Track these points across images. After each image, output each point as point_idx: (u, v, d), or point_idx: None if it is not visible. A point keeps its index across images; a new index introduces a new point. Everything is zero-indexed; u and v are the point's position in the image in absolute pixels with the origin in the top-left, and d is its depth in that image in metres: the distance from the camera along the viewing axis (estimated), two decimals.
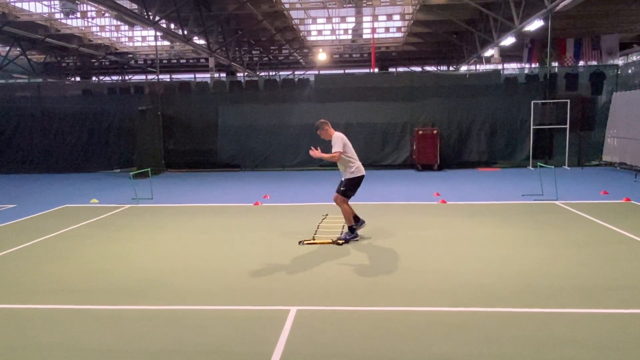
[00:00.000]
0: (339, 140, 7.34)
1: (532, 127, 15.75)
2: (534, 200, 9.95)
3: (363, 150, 16.44)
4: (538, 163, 12.52)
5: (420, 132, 15.43)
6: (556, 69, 17.96)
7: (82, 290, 5.28)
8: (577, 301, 4.62)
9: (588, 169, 15.12)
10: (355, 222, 7.14)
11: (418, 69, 34.34)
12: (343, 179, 7.32)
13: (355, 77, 18.08)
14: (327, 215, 8.87)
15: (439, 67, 34.97)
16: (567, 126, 15.55)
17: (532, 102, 15.65)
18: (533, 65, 24.51)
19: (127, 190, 12.02)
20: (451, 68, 32.99)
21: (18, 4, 20.30)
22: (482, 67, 26.86)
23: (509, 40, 19.16)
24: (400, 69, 33.47)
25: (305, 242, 6.99)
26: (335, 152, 7.20)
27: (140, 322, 4.40)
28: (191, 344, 3.91)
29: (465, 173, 14.88)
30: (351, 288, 5.13)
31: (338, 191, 7.24)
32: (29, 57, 26.12)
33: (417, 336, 3.95)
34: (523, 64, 25.79)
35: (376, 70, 27.35)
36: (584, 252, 6.25)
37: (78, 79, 32.63)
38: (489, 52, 22.86)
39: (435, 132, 15.43)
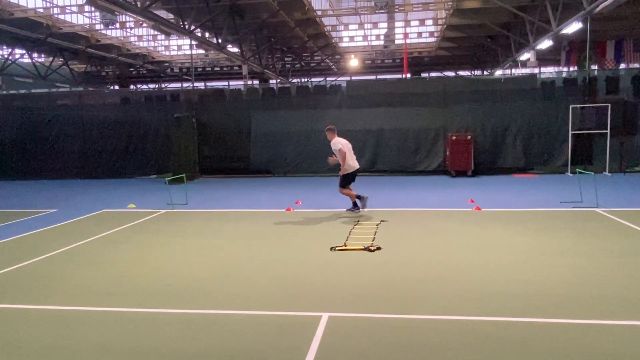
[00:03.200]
0: (338, 143, 9.66)
1: (570, 132, 15.30)
2: (573, 207, 9.65)
3: (395, 156, 16.41)
4: (577, 169, 12.15)
5: (454, 137, 15.22)
6: (596, 72, 17.42)
7: (120, 293, 5.42)
8: (618, 313, 4.45)
9: (630, 175, 14.56)
10: (358, 199, 9.57)
11: (451, 73, 33.91)
12: (340, 174, 9.78)
13: (387, 83, 17.97)
14: (358, 221, 8.84)
15: (472, 72, 34.43)
16: (608, 131, 15.04)
17: (571, 106, 15.21)
18: (571, 69, 23.84)
19: (162, 195, 12.30)
20: (485, 72, 32.44)
21: (61, 16, 21.11)
22: (518, 71, 26.32)
23: (545, 44, 18.69)
24: (433, 74, 33.11)
25: (337, 248, 6.99)
26: (341, 154, 9.63)
27: (174, 325, 4.49)
28: (224, 349, 3.96)
29: (500, 179, 14.57)
30: (383, 295, 5.09)
31: (339, 186, 9.88)
32: (70, 66, 27.11)
33: (451, 346, 3.89)
34: (561, 68, 25.12)
35: (408, 75, 27.14)
36: (626, 261, 6.02)
37: (117, 87, 33.65)
38: (525, 56, 22.35)
39: (469, 137, 15.19)
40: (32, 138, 18.38)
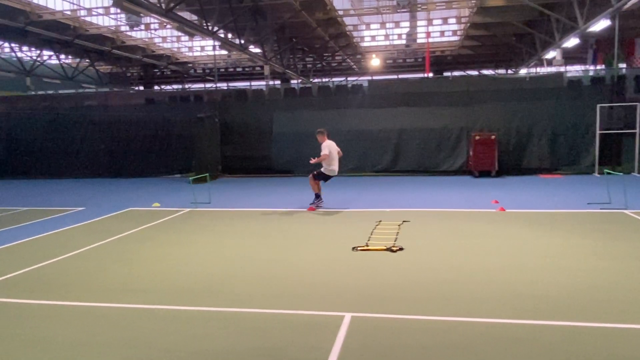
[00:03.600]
0: (326, 147, 10.28)
1: (597, 131, 14.98)
2: (601, 209, 9.44)
3: (417, 156, 16.30)
4: (605, 170, 11.88)
5: (477, 137, 15.04)
6: (624, 71, 17.01)
7: (146, 290, 5.51)
8: None
9: None
10: (317, 197, 10.51)
11: (474, 72, 33.51)
12: (319, 170, 10.48)
13: (409, 82, 17.89)
14: (380, 221, 8.81)
15: (496, 71, 33.97)
16: (637, 131, 14.68)
17: (598, 105, 14.89)
18: (598, 67, 23.32)
19: (186, 194, 12.46)
20: (510, 71, 31.98)
21: (88, 18, 21.56)
22: (543, 70, 25.86)
23: (572, 42, 18.33)
24: (456, 73, 32.75)
25: (358, 248, 6.98)
26: (322, 155, 10.25)
27: (199, 322, 4.55)
28: (248, 347, 4.00)
29: (525, 180, 14.35)
30: (407, 296, 5.07)
31: (312, 174, 10.52)
32: (96, 67, 27.68)
33: (477, 349, 3.85)
34: (587, 66, 24.60)
35: (431, 74, 26.92)
36: None
37: (141, 88, 34.21)
38: (551, 54, 21.96)
39: (493, 137, 14.99)
40: (59, 138, 18.82)
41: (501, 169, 15.26)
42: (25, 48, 24.80)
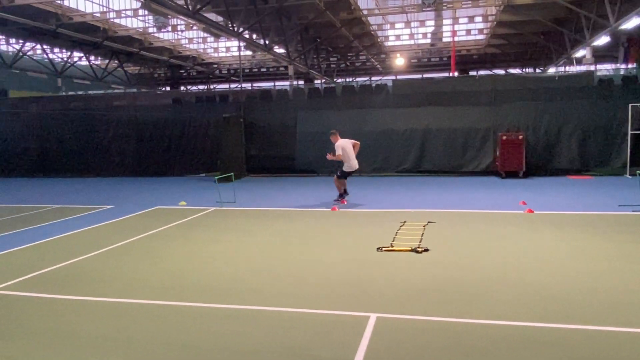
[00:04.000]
0: (339, 147, 10.71)
1: (629, 132, 14.57)
2: (633, 211, 9.18)
3: (442, 156, 16.13)
4: (637, 171, 11.54)
5: (504, 137, 14.80)
6: None
7: (173, 287, 5.60)
8: None
9: None
10: (344, 192, 11.15)
11: (501, 71, 32.98)
12: (340, 170, 11.04)
13: (434, 82, 17.67)
14: (405, 222, 8.76)
15: (524, 70, 33.37)
16: None
17: (630, 105, 14.48)
18: (630, 66, 22.67)
19: (212, 193, 12.61)
20: (537, 70, 31.37)
21: (116, 20, 22.00)
22: (573, 69, 25.28)
23: (602, 40, 17.86)
24: (482, 72, 32.31)
25: (383, 249, 6.95)
26: (337, 154, 10.71)
27: (225, 320, 4.60)
28: (273, 345, 4.03)
29: (553, 181, 14.05)
30: (432, 297, 5.02)
31: (336, 175, 11.17)
32: (125, 68, 28.22)
33: (501, 352, 3.79)
34: (619, 65, 23.94)
35: (456, 74, 26.60)
36: None
37: (168, 88, 34.75)
38: (580, 53, 21.45)
39: (520, 137, 14.73)
40: (89, 137, 19.26)
41: (529, 170, 14.98)
42: (56, 50, 25.44)
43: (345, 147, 10.73)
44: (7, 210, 11.27)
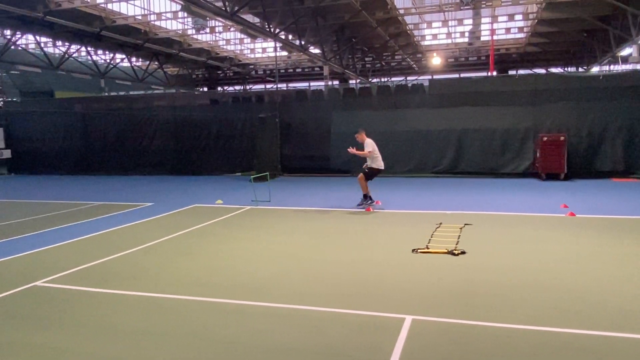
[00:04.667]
0: (369, 144, 10.65)
1: None
2: None
3: (480, 157, 15.82)
4: None
5: (545, 138, 14.39)
6: None
7: (209, 284, 5.71)
8: None
9: None
10: (367, 197, 10.64)
11: (542, 71, 32.08)
12: (368, 166, 10.75)
13: (472, 81, 17.34)
14: (441, 224, 8.64)
15: (565, 69, 32.35)
16: None
17: None
18: None
19: (247, 192, 12.77)
20: (580, 69, 30.35)
21: (157, 22, 22.56)
22: (618, 68, 24.36)
23: None
24: (522, 72, 31.50)
25: (419, 250, 6.88)
26: (366, 151, 10.64)
27: (260, 318, 4.65)
28: (308, 344, 4.04)
29: (597, 183, 13.57)
30: (469, 301, 4.94)
31: (362, 172, 10.75)
32: (164, 69, 28.91)
33: (541, 358, 3.69)
34: None
35: (495, 73, 26.03)
36: None
37: (206, 89, 35.40)
38: (626, 51, 20.66)
39: (562, 138, 14.29)
40: (130, 136, 19.84)
41: (571, 172, 14.52)
42: (100, 52, 26.31)
43: (374, 146, 10.71)
44: (53, 207, 11.73)
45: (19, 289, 5.62)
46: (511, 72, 31.22)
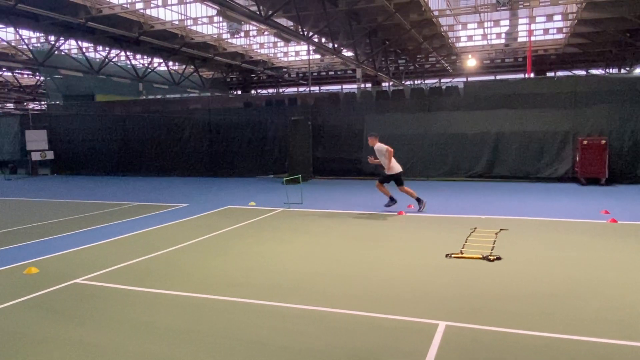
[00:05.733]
0: (383, 148, 10.34)
1: None
2: None
3: (516, 160, 15.46)
4: None
5: (585, 142, 13.95)
6: None
7: (242, 284, 5.77)
8: None
9: None
10: (393, 198, 10.57)
11: (581, 72, 31.14)
12: (385, 173, 10.52)
13: (509, 83, 16.96)
14: (475, 228, 8.48)
15: (607, 70, 31.29)
16: None
17: None
18: None
19: (280, 194, 12.86)
20: (623, 70, 29.29)
21: (193, 27, 23.06)
22: None
23: None
24: (561, 73, 30.66)
25: (452, 255, 6.77)
26: (385, 160, 10.33)
27: (293, 319, 4.67)
28: (340, 347, 4.03)
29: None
30: (505, 308, 4.82)
31: (378, 180, 10.65)
32: (200, 73, 29.50)
33: None
34: None
35: (532, 75, 25.42)
36: None
37: (239, 92, 35.92)
38: None
39: (603, 142, 13.82)
40: (166, 139, 20.31)
41: (612, 177, 14.02)
42: (138, 56, 27.09)
43: (389, 150, 10.33)
44: (93, 207, 12.12)
45: (60, 285, 5.82)
46: (549, 74, 30.43)
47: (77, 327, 4.59)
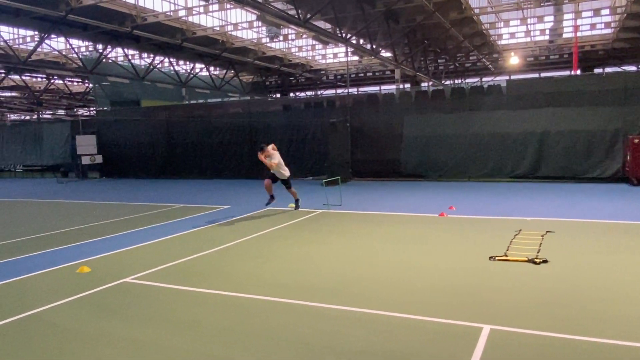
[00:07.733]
0: (276, 156, 10.98)
1: None
2: None
3: (563, 160, 14.97)
4: None
5: (636, 140, 13.35)
6: None
7: (282, 285, 5.84)
8: None
9: None
10: (272, 198, 11.24)
11: (632, 68, 29.80)
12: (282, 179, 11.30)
13: (554, 81, 16.43)
14: (520, 230, 8.27)
15: None
16: None
17: None
18: None
19: (319, 196, 12.93)
20: None
21: (234, 32, 23.50)
22: None
23: None
24: (609, 69, 29.44)
25: (496, 258, 6.63)
26: (272, 163, 10.90)
27: (333, 320, 4.69)
28: (381, 349, 4.03)
29: None
30: (552, 312, 4.69)
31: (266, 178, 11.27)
32: (240, 77, 30.03)
33: None
34: None
35: (578, 72, 24.53)
36: None
37: (278, 95, 36.32)
38: None
39: None
40: (209, 142, 20.77)
41: None
42: (181, 62, 27.84)
43: (279, 157, 11.10)
44: (140, 208, 12.54)
45: (111, 284, 6.06)
46: (597, 71, 29.30)
47: (126, 325, 4.77)
